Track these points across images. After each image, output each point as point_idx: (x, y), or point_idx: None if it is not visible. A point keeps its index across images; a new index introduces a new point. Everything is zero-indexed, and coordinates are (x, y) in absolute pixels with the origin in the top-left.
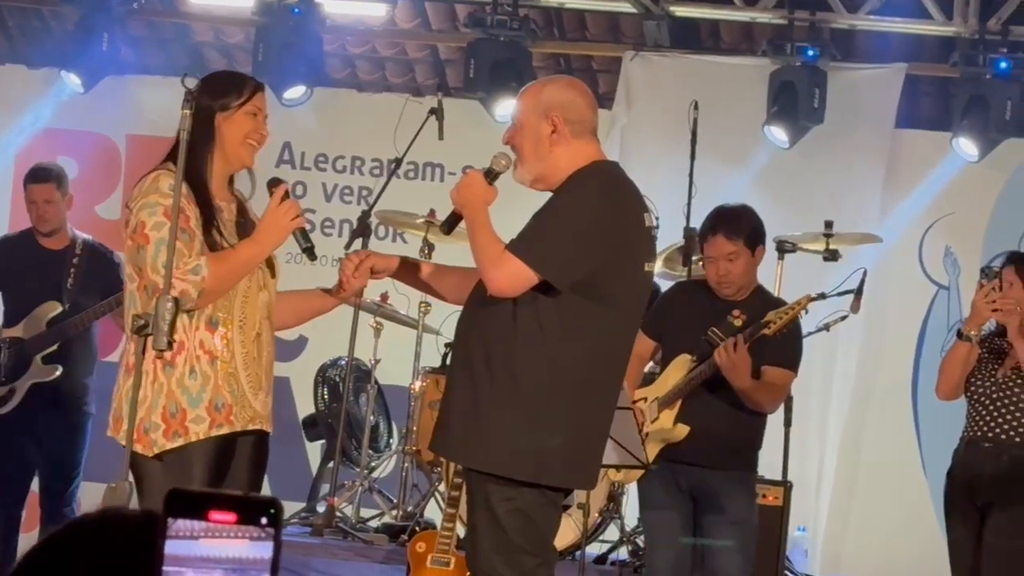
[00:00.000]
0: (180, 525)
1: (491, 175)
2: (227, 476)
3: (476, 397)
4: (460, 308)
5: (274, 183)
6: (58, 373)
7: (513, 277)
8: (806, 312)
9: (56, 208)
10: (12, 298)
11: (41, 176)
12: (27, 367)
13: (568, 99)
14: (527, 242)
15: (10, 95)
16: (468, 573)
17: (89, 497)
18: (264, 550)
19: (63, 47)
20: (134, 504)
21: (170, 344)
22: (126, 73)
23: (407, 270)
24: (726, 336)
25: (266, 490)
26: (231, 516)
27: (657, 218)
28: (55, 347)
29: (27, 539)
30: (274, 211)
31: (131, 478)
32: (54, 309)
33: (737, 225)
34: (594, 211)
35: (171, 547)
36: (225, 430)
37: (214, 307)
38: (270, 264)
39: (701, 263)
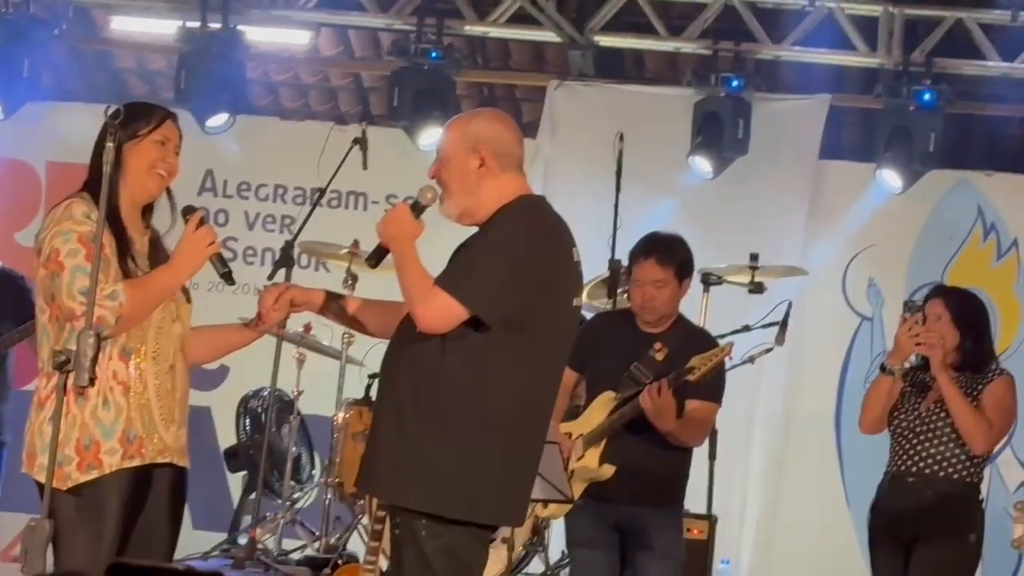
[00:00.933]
0: None
1: (418, 209)
2: (144, 510)
3: (403, 434)
4: (384, 340)
5: (189, 210)
6: None
7: (442, 312)
8: (730, 359)
9: None
10: None
11: None
12: None
13: (496, 133)
14: (456, 277)
15: None
16: None
17: (6, 529)
18: None
19: None
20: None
21: (91, 381)
22: (47, 99)
23: (328, 304)
24: (648, 370)
25: (187, 521)
26: None
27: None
28: None
29: None
30: (190, 237)
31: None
32: None
33: (670, 253)
34: (524, 246)
35: None
36: (136, 462)
37: (128, 337)
38: (185, 295)
39: (626, 295)
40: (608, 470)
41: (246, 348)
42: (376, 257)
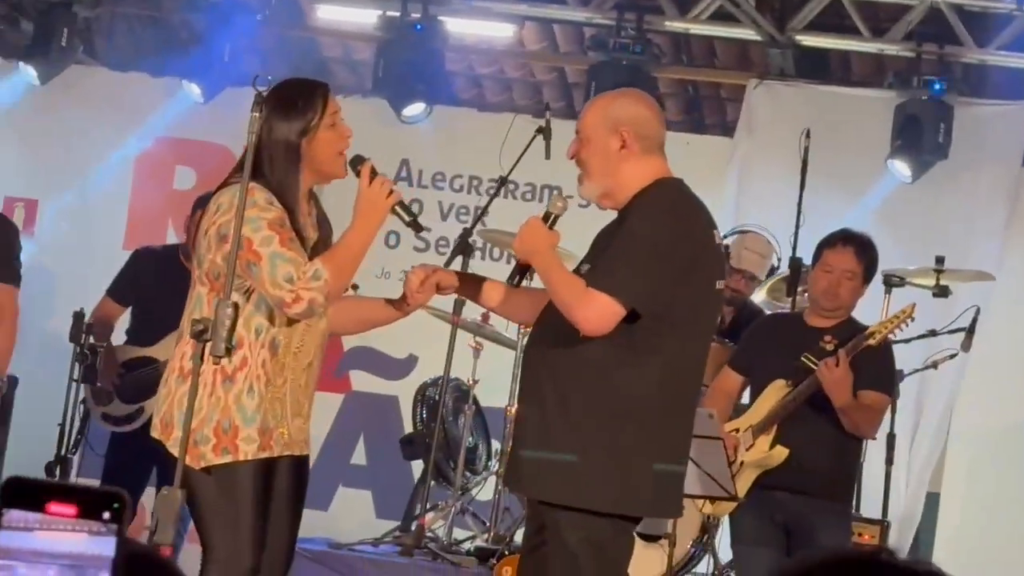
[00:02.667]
0: (14, 516)
1: (549, 219)
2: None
3: (546, 427)
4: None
5: (358, 161)
6: None
7: (604, 314)
8: (912, 320)
9: None
10: (143, 313)
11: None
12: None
13: (639, 114)
14: (609, 275)
15: (132, 103)
16: None
17: None
18: (106, 546)
19: (186, 57)
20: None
21: (228, 351)
22: (248, 85)
23: (473, 288)
24: (820, 359)
25: (370, 509)
26: (71, 508)
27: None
28: None
29: None
30: (366, 192)
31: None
32: None
33: (866, 250)
34: (670, 233)
35: (4, 539)
36: (265, 454)
37: (278, 330)
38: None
39: (805, 294)
40: (781, 453)
41: (433, 338)
42: (519, 275)
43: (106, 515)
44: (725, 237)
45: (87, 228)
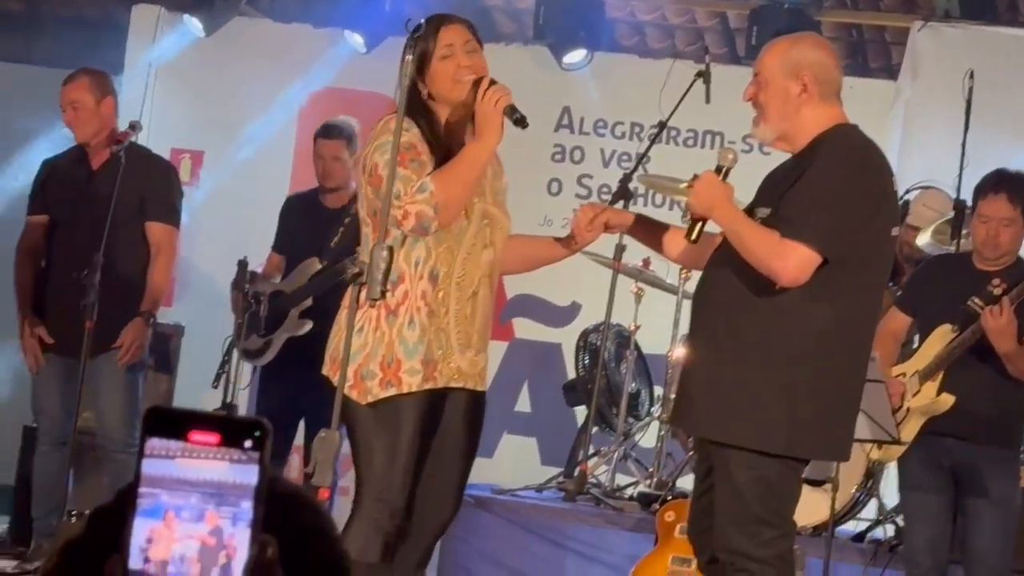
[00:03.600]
0: (156, 444)
1: (722, 172)
2: (438, 433)
3: (721, 368)
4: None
5: (477, 84)
6: (307, 328)
7: (803, 265)
8: None
9: (342, 166)
10: (288, 255)
11: (333, 132)
12: (283, 320)
13: (819, 59)
14: (805, 225)
15: (295, 54)
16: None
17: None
18: (248, 475)
19: (347, 6)
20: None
21: (383, 294)
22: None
23: (641, 228)
24: (987, 305)
25: (536, 456)
26: (213, 437)
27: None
28: (310, 302)
29: None
30: (479, 106)
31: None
32: (315, 266)
33: (1019, 190)
34: (857, 181)
35: (147, 466)
36: (430, 385)
37: (437, 260)
38: (504, 215)
39: (969, 236)
40: (947, 399)
41: (596, 285)
42: (696, 231)
43: (248, 443)
44: (907, 192)
45: (252, 179)
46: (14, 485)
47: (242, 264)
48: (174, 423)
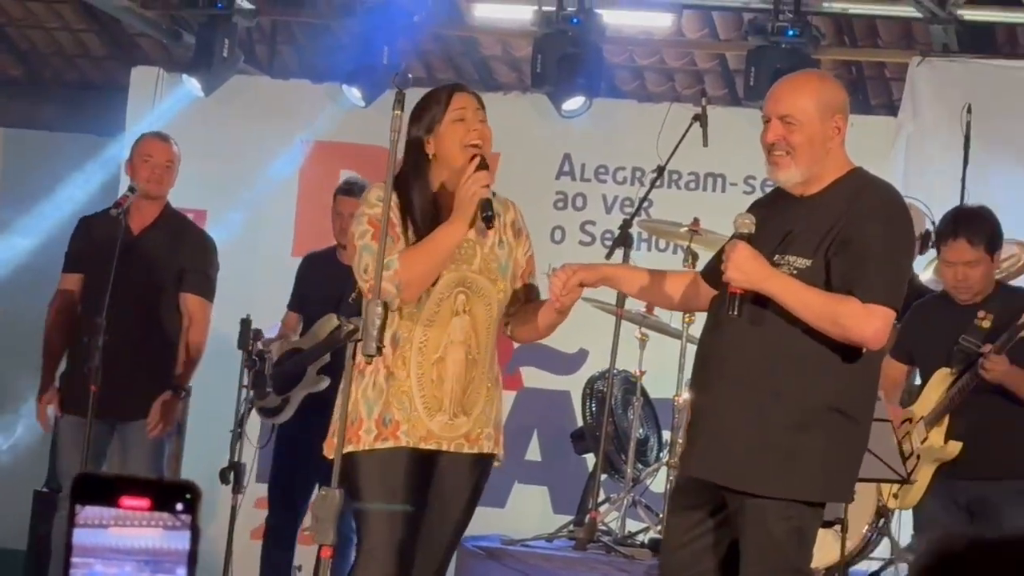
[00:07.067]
0: (89, 512)
1: (744, 239)
2: (434, 495)
3: (763, 421)
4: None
5: (483, 164)
6: (325, 384)
7: (888, 326)
8: None
9: None
10: (306, 312)
11: (354, 190)
12: (301, 378)
13: (845, 101)
14: (880, 287)
15: (294, 110)
16: None
17: None
18: (180, 540)
19: (345, 61)
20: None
21: (379, 350)
22: (411, 87)
23: (620, 278)
24: (978, 340)
25: (547, 505)
26: (144, 502)
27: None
28: (328, 358)
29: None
30: (461, 186)
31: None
32: (332, 322)
33: (979, 230)
34: (907, 235)
35: (79, 536)
36: (390, 444)
37: (398, 326)
38: (479, 290)
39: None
40: (955, 447)
41: (602, 332)
42: (738, 305)
43: (179, 507)
44: None
45: (255, 236)
46: (26, 551)
47: (245, 322)
48: (104, 489)
